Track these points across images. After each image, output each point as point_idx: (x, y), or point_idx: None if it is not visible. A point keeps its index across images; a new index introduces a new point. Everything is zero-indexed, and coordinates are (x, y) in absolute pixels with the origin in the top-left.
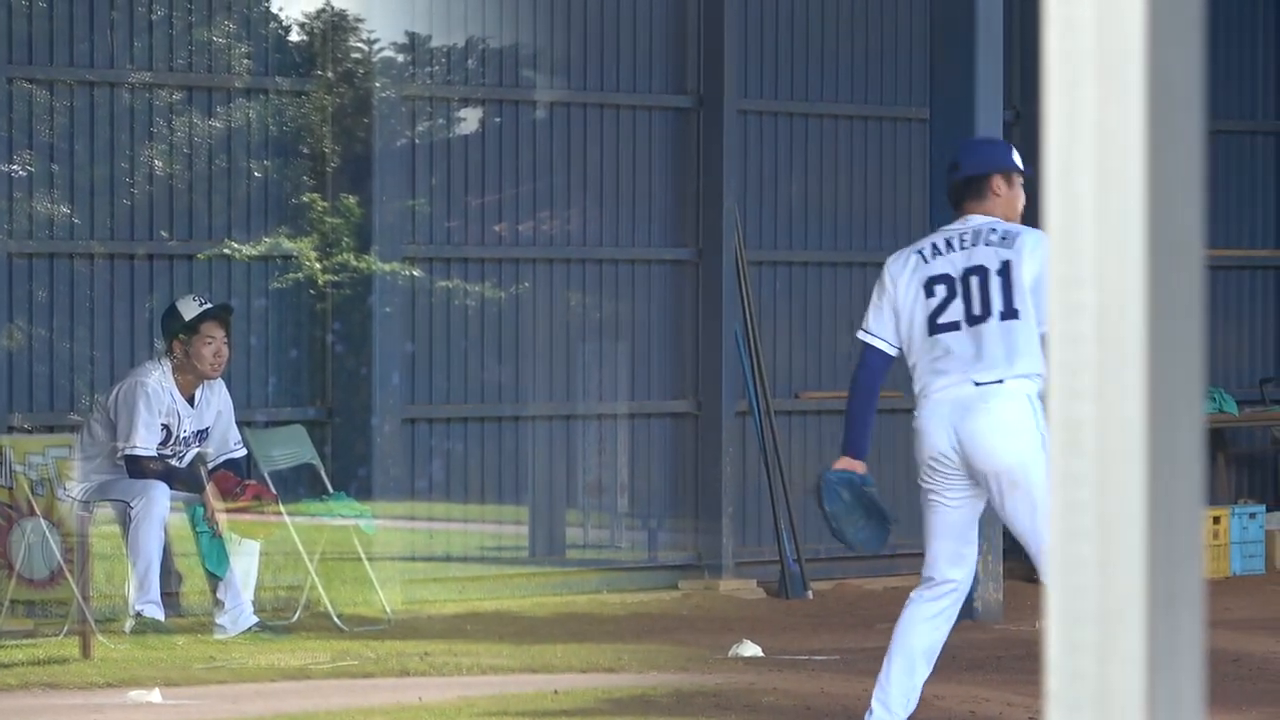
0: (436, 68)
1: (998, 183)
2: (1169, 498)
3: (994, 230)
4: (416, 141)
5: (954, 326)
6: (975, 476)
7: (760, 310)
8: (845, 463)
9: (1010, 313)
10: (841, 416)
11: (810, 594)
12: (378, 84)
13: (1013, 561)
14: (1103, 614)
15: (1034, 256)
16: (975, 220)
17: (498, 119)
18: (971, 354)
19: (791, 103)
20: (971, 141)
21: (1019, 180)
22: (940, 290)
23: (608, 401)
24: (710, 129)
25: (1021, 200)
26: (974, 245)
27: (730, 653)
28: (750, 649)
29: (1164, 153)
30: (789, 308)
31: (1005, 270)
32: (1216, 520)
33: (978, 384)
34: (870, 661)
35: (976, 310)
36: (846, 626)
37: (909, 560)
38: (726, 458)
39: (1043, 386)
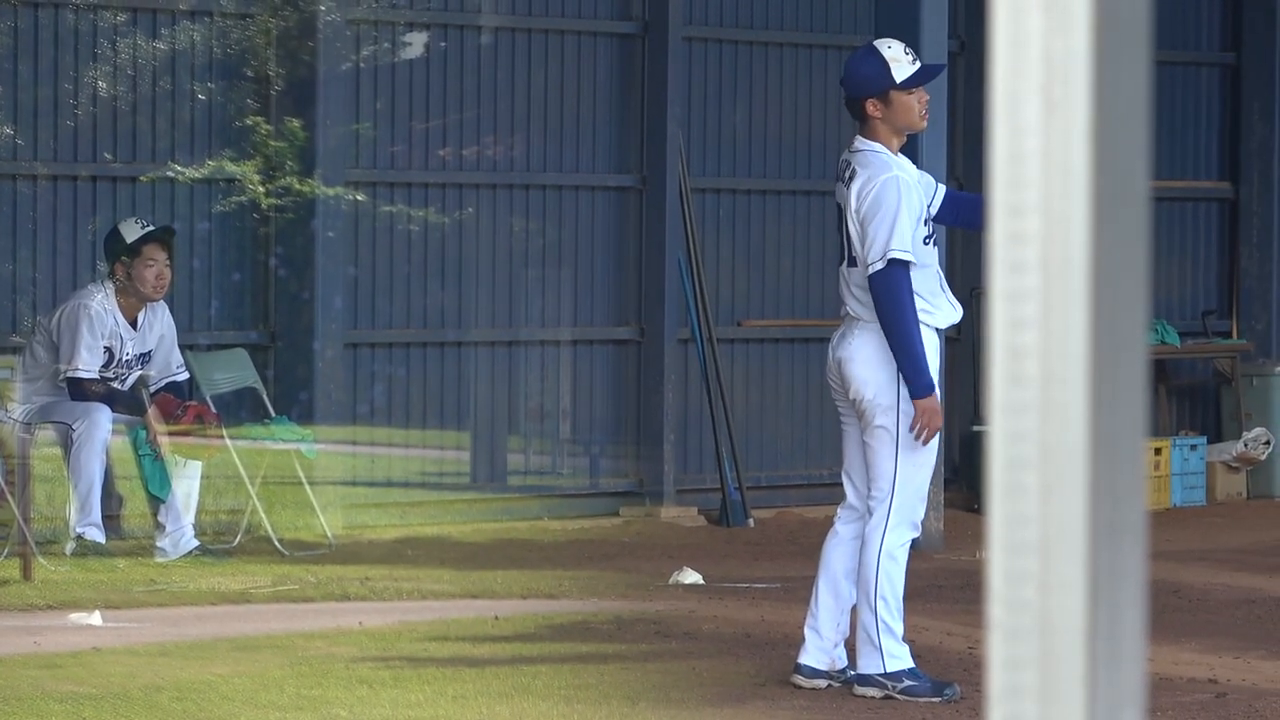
0: None
1: (871, 106)
2: (1112, 427)
3: (848, 165)
4: (361, 65)
5: (840, 259)
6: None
7: (703, 238)
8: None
9: (850, 260)
10: (780, 345)
11: (751, 522)
12: (322, 7)
13: (953, 491)
14: (1045, 543)
15: (859, 196)
16: (855, 146)
17: (443, 44)
18: (843, 289)
19: (736, 30)
20: (851, 58)
21: (904, 91)
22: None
23: (550, 328)
24: (655, 55)
25: (913, 109)
26: (840, 179)
27: (671, 580)
28: (691, 576)
29: (1110, 82)
30: (732, 235)
31: (844, 214)
32: (1158, 452)
33: (846, 314)
34: (811, 590)
35: (843, 251)
36: (787, 555)
37: None
38: (669, 385)
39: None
